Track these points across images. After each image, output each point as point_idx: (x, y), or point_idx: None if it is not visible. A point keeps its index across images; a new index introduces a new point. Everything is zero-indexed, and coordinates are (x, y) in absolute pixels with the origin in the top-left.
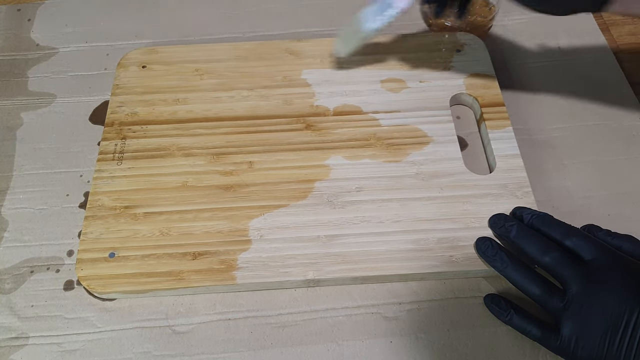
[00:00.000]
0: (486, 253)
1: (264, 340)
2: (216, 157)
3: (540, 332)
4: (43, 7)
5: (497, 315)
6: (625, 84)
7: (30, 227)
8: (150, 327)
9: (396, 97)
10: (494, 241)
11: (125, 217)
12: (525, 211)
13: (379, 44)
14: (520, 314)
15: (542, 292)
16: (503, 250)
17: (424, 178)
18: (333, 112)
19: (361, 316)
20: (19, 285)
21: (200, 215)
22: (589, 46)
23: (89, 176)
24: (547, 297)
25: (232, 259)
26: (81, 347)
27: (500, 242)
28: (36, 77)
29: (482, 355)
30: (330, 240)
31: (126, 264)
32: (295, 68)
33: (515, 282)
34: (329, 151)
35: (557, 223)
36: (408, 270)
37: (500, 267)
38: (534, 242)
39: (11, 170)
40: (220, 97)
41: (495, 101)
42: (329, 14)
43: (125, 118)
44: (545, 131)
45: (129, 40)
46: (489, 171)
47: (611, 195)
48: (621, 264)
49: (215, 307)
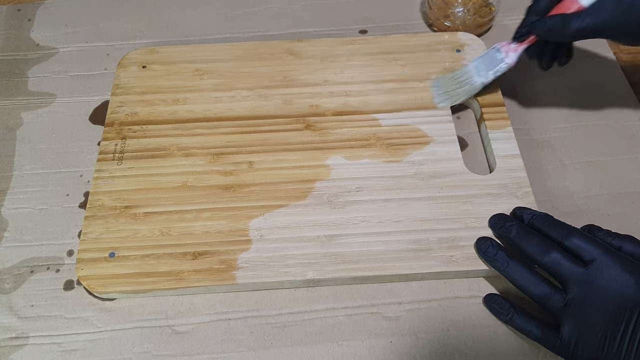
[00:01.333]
0: (487, 253)
1: (264, 340)
2: (216, 157)
3: (541, 332)
4: (43, 7)
5: (497, 315)
6: (625, 84)
7: (30, 227)
8: (150, 327)
9: (396, 97)
10: (494, 241)
11: (125, 217)
12: (526, 211)
13: (379, 44)
14: (521, 313)
15: (543, 292)
16: (503, 250)
17: (424, 178)
18: (333, 112)
19: (361, 316)
20: (19, 285)
21: (200, 215)
22: (589, 46)
23: (89, 176)
24: (547, 297)
25: (232, 259)
26: (81, 347)
27: (501, 242)
28: (36, 77)
29: (482, 355)
30: (330, 240)
31: (126, 264)
32: (295, 68)
33: (516, 282)
34: (329, 151)
35: (557, 223)
36: (408, 270)
37: (501, 267)
38: (534, 243)
39: (11, 170)
40: (220, 97)
41: (495, 101)
42: (329, 14)
43: (125, 118)
44: (545, 131)
45: (129, 40)
46: (489, 171)
47: (611, 195)
48: (621, 265)
49: (215, 307)
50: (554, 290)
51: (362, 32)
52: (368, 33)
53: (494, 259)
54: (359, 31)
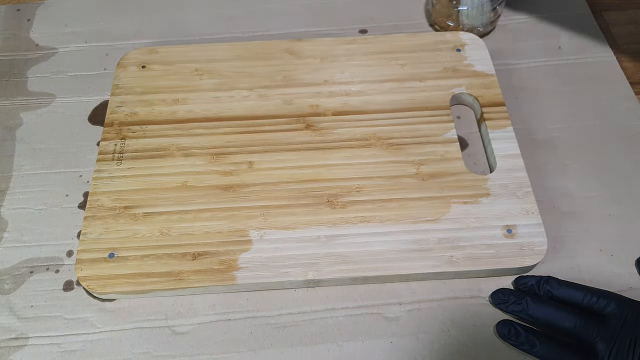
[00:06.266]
0: (511, 339)
1: (264, 341)
2: (216, 157)
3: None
4: (43, 7)
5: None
6: (625, 84)
7: (29, 227)
8: (150, 328)
9: (396, 97)
10: (516, 324)
11: (125, 218)
12: (527, 280)
13: (379, 44)
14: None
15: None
16: (528, 331)
17: (424, 178)
18: (333, 112)
19: (361, 316)
20: (19, 285)
21: (200, 215)
22: (589, 46)
23: (89, 176)
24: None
25: (232, 259)
26: (81, 348)
27: (512, 318)
28: (36, 77)
29: (482, 355)
30: (330, 241)
31: (126, 264)
32: (295, 68)
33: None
34: (329, 151)
35: (565, 284)
36: (408, 270)
37: (531, 350)
38: (551, 313)
39: (11, 171)
40: (220, 97)
41: (495, 101)
42: (329, 14)
43: (124, 118)
44: (546, 131)
45: (129, 40)
46: (489, 171)
47: (611, 195)
48: (636, 309)
49: (215, 307)
50: (586, 355)
51: (362, 32)
52: (368, 33)
53: (522, 344)
54: (359, 31)
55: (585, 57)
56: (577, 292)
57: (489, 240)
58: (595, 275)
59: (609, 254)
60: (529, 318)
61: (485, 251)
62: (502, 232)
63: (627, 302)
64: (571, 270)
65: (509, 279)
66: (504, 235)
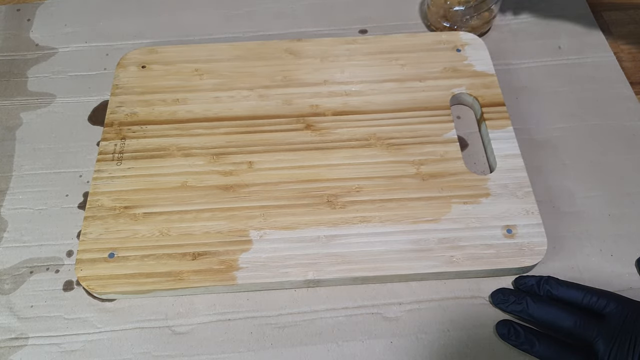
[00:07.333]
0: (511, 338)
1: (264, 341)
2: (216, 157)
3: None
4: (43, 7)
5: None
6: (626, 84)
7: (29, 227)
8: (150, 328)
9: (396, 97)
10: (515, 324)
11: (125, 218)
12: (527, 280)
13: (379, 44)
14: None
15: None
16: (527, 331)
17: (424, 178)
18: (333, 112)
19: (361, 316)
20: (19, 285)
21: (200, 215)
22: (589, 46)
23: (89, 176)
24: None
25: (232, 259)
26: (81, 348)
27: (512, 318)
28: (35, 77)
29: (482, 355)
30: (330, 241)
31: (126, 265)
32: (295, 68)
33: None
34: (329, 151)
35: (564, 284)
36: (408, 270)
37: (530, 350)
38: (551, 312)
39: (11, 171)
40: (220, 97)
41: (495, 101)
42: (329, 14)
43: (124, 118)
44: (546, 131)
45: (129, 40)
46: (489, 171)
47: (611, 195)
48: (635, 308)
49: (215, 307)
50: (585, 356)
51: (362, 32)
52: (368, 33)
53: (521, 344)
54: (359, 31)
55: (585, 57)
56: (577, 292)
57: (489, 240)
58: (595, 275)
59: (609, 254)
60: (528, 318)
61: (485, 251)
62: (502, 232)
63: (626, 302)
64: (571, 270)
65: (509, 279)
66: (504, 235)
